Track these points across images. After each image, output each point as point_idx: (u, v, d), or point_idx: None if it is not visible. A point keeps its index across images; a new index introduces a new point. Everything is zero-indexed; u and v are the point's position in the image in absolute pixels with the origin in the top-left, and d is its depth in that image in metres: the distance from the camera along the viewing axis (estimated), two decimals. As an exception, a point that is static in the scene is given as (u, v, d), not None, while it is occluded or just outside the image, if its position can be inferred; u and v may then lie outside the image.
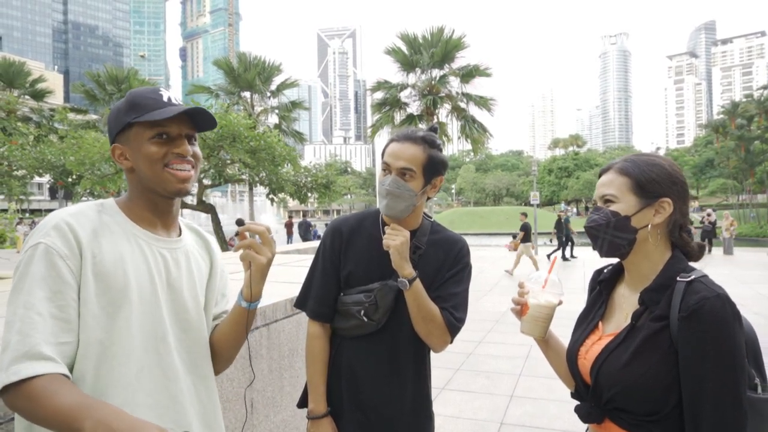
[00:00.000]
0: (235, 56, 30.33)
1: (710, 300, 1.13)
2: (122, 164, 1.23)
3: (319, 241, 1.80)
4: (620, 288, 1.38)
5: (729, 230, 18.50)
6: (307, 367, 1.71)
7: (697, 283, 1.17)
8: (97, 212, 1.18)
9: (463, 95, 22.95)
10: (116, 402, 1.08)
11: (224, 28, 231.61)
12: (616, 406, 1.23)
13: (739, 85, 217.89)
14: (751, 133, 38.95)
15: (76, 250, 1.08)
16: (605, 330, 1.34)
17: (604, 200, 1.30)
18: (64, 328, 1.04)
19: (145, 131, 1.19)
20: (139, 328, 1.13)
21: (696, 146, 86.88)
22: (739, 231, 30.82)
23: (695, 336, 1.12)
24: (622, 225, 1.25)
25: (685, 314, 1.14)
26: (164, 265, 1.21)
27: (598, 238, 1.30)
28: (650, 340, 1.19)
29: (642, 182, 1.26)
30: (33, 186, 38.94)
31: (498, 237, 39.19)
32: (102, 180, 14.15)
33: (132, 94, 1.23)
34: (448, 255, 1.70)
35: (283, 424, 2.62)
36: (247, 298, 1.29)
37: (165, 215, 1.27)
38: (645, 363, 1.18)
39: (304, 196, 17.58)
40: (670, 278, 1.22)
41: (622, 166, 1.30)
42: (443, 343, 1.65)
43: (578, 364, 1.33)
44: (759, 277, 12.16)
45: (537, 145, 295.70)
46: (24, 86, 30.71)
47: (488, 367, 5.77)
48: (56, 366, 1.00)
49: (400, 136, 1.65)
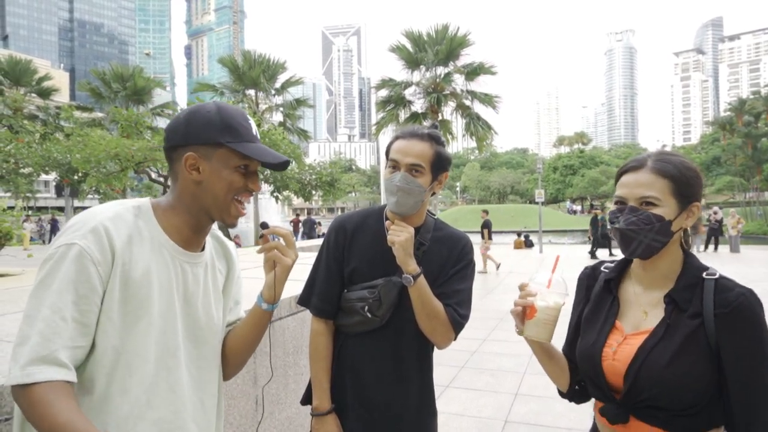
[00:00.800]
0: (240, 54, 30.38)
1: (746, 296, 1.19)
2: (190, 174, 1.19)
3: (323, 239, 1.80)
4: (628, 286, 1.36)
5: (736, 228, 18.38)
6: (311, 364, 1.72)
7: (724, 279, 1.23)
8: (134, 216, 1.17)
9: (467, 93, 22.87)
10: (121, 413, 1.08)
11: (229, 26, 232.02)
12: (652, 404, 1.22)
13: (746, 81, 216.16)
14: (759, 130, 38.69)
15: (109, 257, 1.08)
16: (625, 329, 1.31)
17: (644, 202, 1.25)
18: (82, 332, 1.05)
19: (233, 158, 1.19)
20: (154, 340, 1.13)
21: (702, 143, 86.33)
22: (746, 229, 30.61)
23: (739, 330, 1.18)
24: (665, 229, 1.24)
25: (726, 311, 1.18)
26: (183, 279, 1.21)
27: (634, 240, 1.25)
28: (690, 338, 1.20)
29: (682, 186, 1.25)
30: (39, 184, 39.07)
31: (503, 235, 39.13)
32: (108, 178, 14.22)
33: (227, 113, 1.21)
34: (452, 252, 1.71)
35: (288, 422, 2.63)
36: (269, 300, 1.30)
37: (201, 234, 1.26)
38: (688, 361, 1.19)
39: (308, 193, 17.61)
40: (696, 277, 1.25)
41: (662, 167, 1.26)
42: (447, 340, 1.65)
43: (604, 365, 1.30)
44: (765, 275, 12.09)
45: (542, 143, 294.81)
46: (30, 84, 30.83)
47: (493, 365, 5.77)
48: (68, 373, 1.01)
49: (405, 133, 1.66)
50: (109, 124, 25.81)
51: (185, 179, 1.20)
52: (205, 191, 1.19)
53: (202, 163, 1.18)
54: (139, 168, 14.81)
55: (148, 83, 31.60)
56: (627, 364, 1.25)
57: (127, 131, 15.22)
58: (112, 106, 24.76)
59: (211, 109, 1.21)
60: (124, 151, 13.31)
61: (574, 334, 1.44)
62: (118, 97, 30.25)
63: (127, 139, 14.18)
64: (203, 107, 1.22)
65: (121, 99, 30.14)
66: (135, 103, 30.46)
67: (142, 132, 15.85)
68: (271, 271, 1.29)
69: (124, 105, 28.22)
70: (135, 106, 29.06)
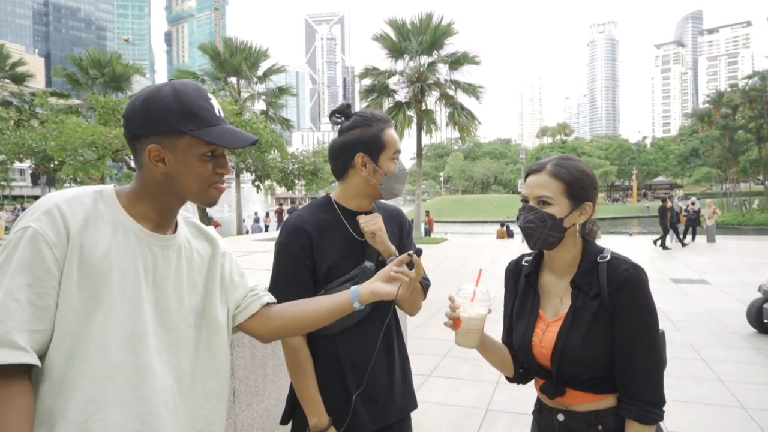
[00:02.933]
0: (221, 41, 29.85)
1: (629, 270, 1.38)
2: (155, 166, 1.14)
3: (277, 246, 1.68)
4: (545, 277, 1.54)
5: (712, 218, 18.72)
6: (297, 381, 1.62)
7: (614, 259, 1.42)
8: (93, 200, 1.13)
9: (451, 82, 22.86)
10: (83, 397, 1.05)
11: (210, 13, 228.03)
12: (580, 377, 1.41)
13: (724, 74, 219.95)
14: (736, 123, 39.34)
15: (64, 238, 1.05)
16: (547, 317, 1.49)
17: (540, 201, 1.43)
18: (40, 315, 1.02)
19: (198, 146, 1.15)
20: (117, 324, 1.10)
21: (681, 135, 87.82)
22: (723, 219, 31.28)
23: (626, 299, 1.37)
24: (557, 226, 1.42)
25: (614, 287, 1.37)
26: (152, 262, 1.17)
27: (533, 236, 1.43)
28: (595, 316, 1.39)
29: (574, 188, 1.43)
30: (15, 172, 38.17)
31: (485, 225, 39.43)
32: (84, 166, 13.93)
33: (185, 96, 1.14)
34: (400, 224, 1.82)
35: (266, 413, 2.59)
36: (363, 301, 1.33)
37: (169, 216, 1.23)
38: (598, 336, 1.39)
39: (291, 182, 17.49)
40: (593, 261, 1.44)
41: (557, 171, 1.43)
42: (420, 307, 1.78)
43: (534, 353, 1.48)
44: (741, 265, 12.35)
45: (525, 134, 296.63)
46: (3, 69, 29.99)
47: (474, 353, 5.77)
48: (25, 355, 0.98)
49: (388, 120, 1.74)
50: (87, 112, 25.25)
51: (151, 170, 1.16)
52: (174, 183, 1.16)
53: (167, 154, 1.14)
54: (116, 156, 14.52)
55: (126, 70, 30.94)
56: (551, 349, 1.43)
57: (104, 119, 14.89)
58: (90, 93, 24.18)
59: (168, 94, 1.14)
60: (101, 138, 13.04)
61: (509, 324, 1.62)
62: (96, 84, 29.61)
63: (104, 127, 13.87)
64: (159, 91, 1.15)
65: (99, 86, 29.50)
66: (113, 90, 29.83)
67: (120, 119, 15.52)
68: (392, 283, 1.35)
69: (102, 92, 27.61)
70: (113, 93, 28.46)
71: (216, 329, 1.29)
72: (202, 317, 1.28)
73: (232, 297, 1.34)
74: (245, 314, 1.35)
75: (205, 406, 1.26)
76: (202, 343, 1.27)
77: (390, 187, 1.68)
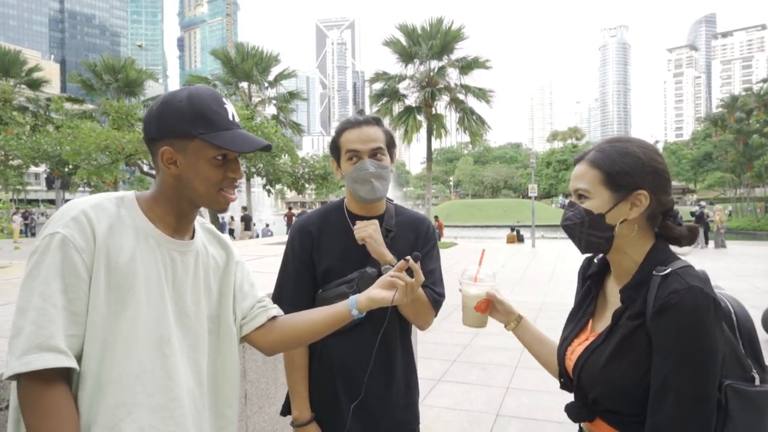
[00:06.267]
0: (233, 46, 30.14)
1: (680, 293, 1.06)
2: (168, 169, 1.17)
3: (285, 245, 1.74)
4: (609, 282, 1.31)
5: (718, 224, 18.54)
6: (287, 374, 1.69)
7: (673, 275, 1.11)
8: (116, 206, 1.15)
9: (461, 87, 22.86)
10: (114, 401, 1.07)
11: (222, 18, 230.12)
12: (602, 407, 1.19)
13: (738, 78, 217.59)
14: (750, 127, 38.90)
15: (91, 244, 1.07)
16: (595, 328, 1.29)
17: (578, 195, 1.22)
18: (74, 320, 1.04)
19: (208, 150, 1.16)
20: (144, 328, 1.11)
21: (694, 140, 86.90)
22: (737, 224, 30.88)
23: (663, 330, 1.07)
24: (597, 223, 1.18)
25: (654, 310, 1.09)
26: (172, 267, 1.19)
27: (574, 236, 1.23)
28: (627, 339, 1.14)
29: (614, 175, 1.17)
30: (30, 176, 38.71)
31: (496, 229, 39.24)
32: (98, 170, 14.11)
33: (198, 101, 1.16)
34: (418, 234, 1.75)
35: (278, 416, 2.60)
36: (362, 309, 1.32)
37: (186, 220, 1.25)
38: (622, 364, 1.13)
39: (301, 187, 17.56)
40: (648, 273, 1.15)
41: (593, 156, 1.20)
42: (430, 321, 1.70)
43: (566, 364, 1.30)
44: (755, 271, 12.19)
45: (535, 138, 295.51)
46: (20, 75, 30.50)
47: (484, 358, 5.78)
48: (67, 359, 1.00)
49: (351, 122, 1.67)
50: (101, 116, 25.57)
51: (164, 173, 1.18)
52: (185, 186, 1.18)
53: (179, 156, 1.16)
54: (130, 160, 14.69)
55: (140, 75, 31.32)
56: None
57: (117, 123, 15.08)
58: (104, 98, 24.49)
59: (183, 98, 1.17)
60: (115, 143, 13.20)
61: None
62: (110, 89, 29.99)
63: (117, 131, 14.05)
64: (175, 96, 1.18)
65: (113, 91, 29.88)
66: (126, 95, 30.20)
67: (133, 124, 15.70)
68: (390, 289, 1.33)
69: (116, 97, 27.95)
70: (127, 98, 28.80)
71: (228, 335, 1.31)
72: (216, 323, 1.30)
73: (240, 306, 1.36)
74: (251, 326, 1.36)
75: (216, 412, 1.28)
76: (216, 348, 1.29)
77: (352, 188, 1.65)
